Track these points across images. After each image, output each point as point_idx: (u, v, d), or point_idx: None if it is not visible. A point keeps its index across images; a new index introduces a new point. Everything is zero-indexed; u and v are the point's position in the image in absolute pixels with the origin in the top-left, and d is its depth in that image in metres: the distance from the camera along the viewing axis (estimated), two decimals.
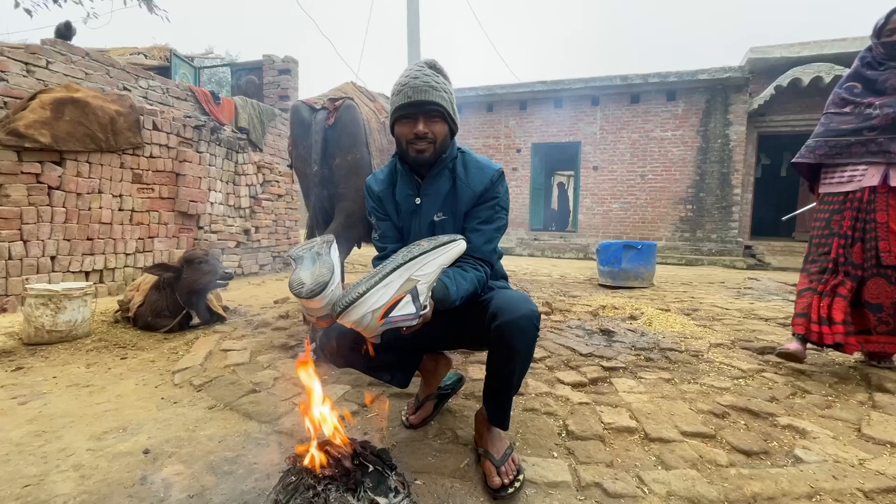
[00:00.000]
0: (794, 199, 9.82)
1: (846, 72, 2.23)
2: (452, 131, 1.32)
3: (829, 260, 2.06)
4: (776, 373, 2.10)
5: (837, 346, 1.98)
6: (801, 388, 1.91)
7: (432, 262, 1.07)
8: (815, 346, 2.10)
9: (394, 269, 1.01)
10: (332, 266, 1.04)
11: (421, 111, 1.23)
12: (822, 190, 2.19)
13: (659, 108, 9.28)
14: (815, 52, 8.56)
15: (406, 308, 1.00)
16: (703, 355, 2.32)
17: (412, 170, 1.35)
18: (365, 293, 0.95)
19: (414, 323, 1.03)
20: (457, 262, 1.22)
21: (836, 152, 2.08)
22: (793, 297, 4.21)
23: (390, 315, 0.98)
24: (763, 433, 1.53)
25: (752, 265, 8.30)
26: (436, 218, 1.32)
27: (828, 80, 7.92)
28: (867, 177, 2.00)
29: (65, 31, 4.71)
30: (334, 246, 1.14)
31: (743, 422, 1.61)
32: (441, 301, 1.13)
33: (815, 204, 2.24)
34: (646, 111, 9.36)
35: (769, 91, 8.51)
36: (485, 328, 1.19)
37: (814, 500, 1.18)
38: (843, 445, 1.44)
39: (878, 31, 2.09)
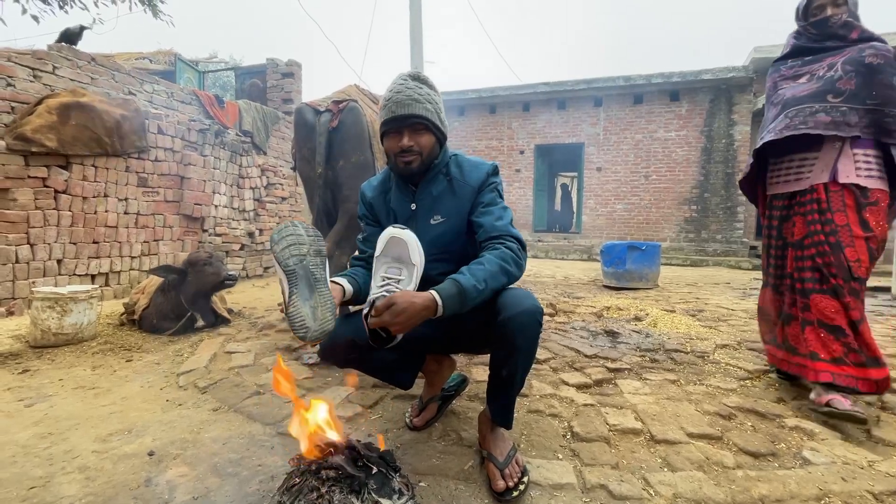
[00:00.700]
0: None
1: None
2: (441, 140, 1.34)
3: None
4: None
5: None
6: (808, 389, 1.89)
7: (382, 264, 1.17)
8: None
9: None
10: (332, 304, 1.06)
11: (405, 125, 1.26)
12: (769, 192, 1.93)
13: (662, 108, 9.25)
14: None
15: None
16: (708, 356, 2.30)
17: (405, 179, 1.36)
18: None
19: (371, 315, 1.06)
20: (480, 252, 1.23)
21: (799, 121, 1.68)
22: None
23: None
24: (770, 435, 1.51)
25: (758, 265, 8.24)
26: (432, 221, 1.33)
27: None
28: (815, 173, 1.71)
29: (76, 33, 4.74)
30: (327, 265, 1.15)
31: (750, 423, 1.60)
32: (456, 296, 1.07)
33: None
34: (649, 112, 9.34)
35: None
36: (487, 326, 1.19)
37: (822, 502, 1.16)
38: (852, 447, 1.43)
39: (804, 12, 1.82)
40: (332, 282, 1.20)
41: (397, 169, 1.33)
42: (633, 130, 9.45)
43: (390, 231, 1.18)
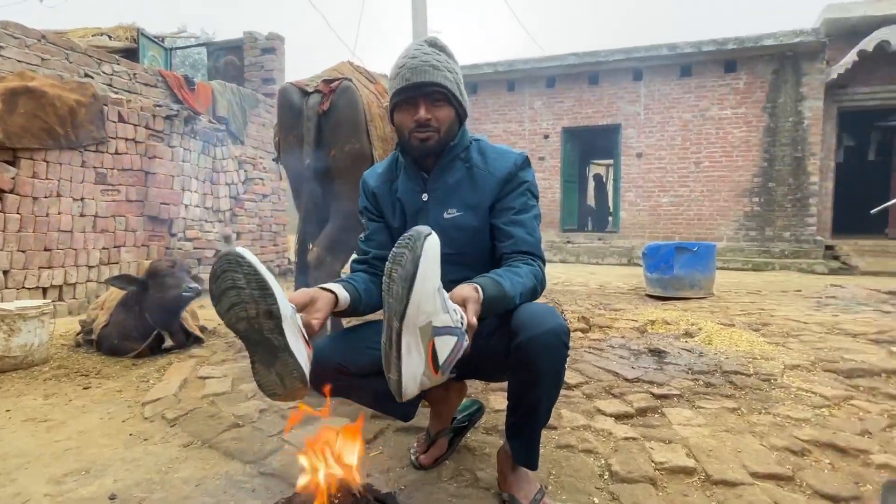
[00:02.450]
0: (885, 187, 9.58)
1: None
2: (461, 117, 1.34)
3: None
4: (869, 400, 2.05)
5: None
6: None
7: (425, 287, 0.96)
8: None
9: (398, 338, 0.95)
10: (301, 370, 1.01)
11: (421, 94, 1.25)
12: None
13: (715, 81, 9.20)
14: None
15: (447, 345, 0.98)
16: (776, 379, 2.28)
17: (417, 163, 1.37)
18: (401, 387, 0.96)
19: (466, 344, 1.00)
20: (503, 263, 1.25)
21: None
22: (888, 307, 4.09)
23: (440, 363, 0.97)
24: (853, 474, 1.49)
25: (835, 269, 8.11)
26: (446, 215, 1.33)
27: None
28: None
29: None
30: (286, 323, 1.02)
31: (828, 460, 1.57)
32: (496, 300, 1.10)
33: None
34: (699, 86, 9.29)
35: (851, 57, 8.36)
36: (503, 350, 1.18)
37: None
38: None
39: None
40: (322, 289, 1.18)
41: (411, 147, 1.33)
42: (680, 108, 9.41)
43: (436, 238, 1.01)
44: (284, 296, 1.03)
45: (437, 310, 0.98)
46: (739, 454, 1.59)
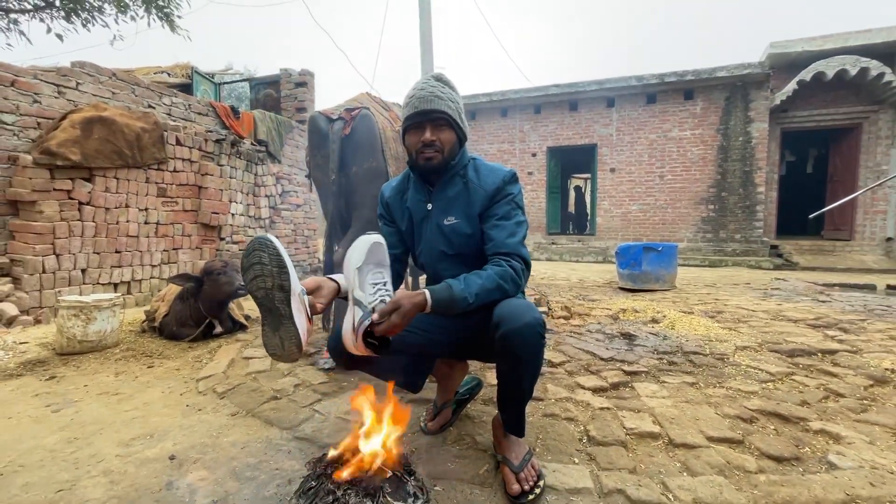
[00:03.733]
0: (821, 196, 9.49)
1: (873, 63, 1.92)
2: (461, 140, 1.35)
3: None
4: (807, 376, 2.03)
5: None
6: (833, 392, 1.84)
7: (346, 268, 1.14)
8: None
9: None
10: (298, 337, 1.09)
11: (427, 119, 1.28)
12: None
13: (676, 107, 9.13)
14: (838, 45, 8.30)
15: (356, 315, 1.08)
16: (728, 358, 2.26)
17: (423, 178, 1.38)
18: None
19: (367, 322, 1.06)
20: (488, 263, 1.25)
21: None
22: (823, 297, 4.05)
23: (355, 328, 1.07)
24: (794, 438, 1.48)
25: (780, 265, 8.04)
26: (446, 221, 1.34)
27: (853, 72, 7.66)
28: None
29: None
30: (293, 298, 1.14)
31: (772, 427, 1.56)
32: (445, 301, 1.12)
33: (844, 200, 2.02)
34: (663, 111, 9.23)
35: (791, 86, 8.29)
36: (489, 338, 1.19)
37: None
38: (880, 451, 1.38)
39: None
40: (329, 278, 1.22)
41: (418, 165, 1.34)
42: (646, 130, 9.35)
43: (371, 237, 1.16)
44: (297, 278, 1.11)
45: (354, 286, 1.11)
46: (697, 421, 1.58)
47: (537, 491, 1.17)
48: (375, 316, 1.06)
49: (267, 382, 2.05)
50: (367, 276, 1.13)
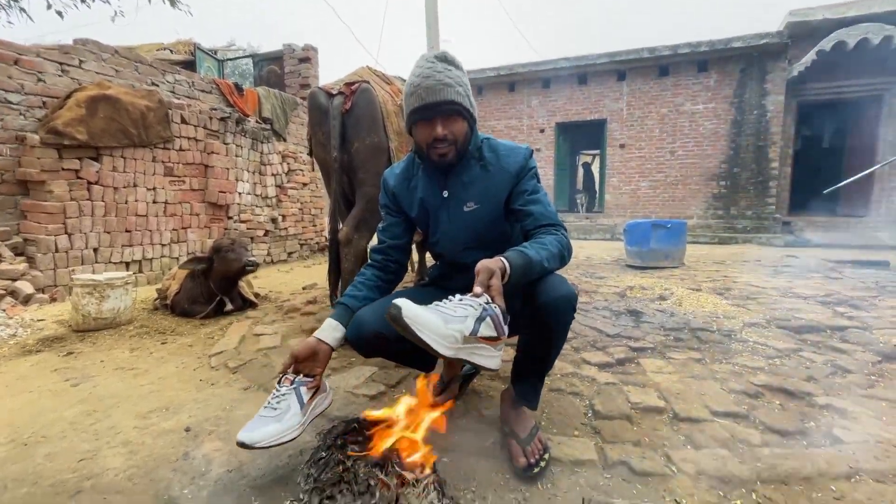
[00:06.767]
0: (837, 171, 9.26)
1: None
2: (472, 124, 1.28)
3: None
4: (815, 352, 2.02)
5: None
6: (841, 368, 1.84)
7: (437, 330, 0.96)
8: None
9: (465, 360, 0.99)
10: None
11: (437, 113, 1.19)
12: None
13: (689, 80, 8.87)
14: (862, 12, 7.93)
15: (489, 326, 0.99)
16: (735, 335, 2.26)
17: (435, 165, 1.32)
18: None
19: (496, 311, 0.99)
20: (530, 238, 1.22)
21: None
22: (835, 274, 4.01)
23: (493, 335, 1.00)
24: (800, 413, 1.48)
25: (791, 242, 7.92)
26: (466, 208, 1.30)
27: (876, 41, 7.35)
28: None
29: None
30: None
31: (778, 402, 1.56)
32: (522, 267, 1.06)
33: (860, 175, 1.98)
34: (675, 84, 8.97)
35: (810, 56, 7.97)
36: (521, 310, 1.19)
37: (853, 480, 1.14)
38: (886, 426, 1.39)
39: None
40: (319, 341, 1.24)
41: (431, 162, 1.28)
42: (658, 104, 9.12)
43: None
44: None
45: (463, 328, 0.96)
46: (703, 396, 1.59)
47: (543, 463, 1.20)
48: (485, 297, 0.98)
49: (277, 358, 2.09)
50: (456, 312, 0.99)
